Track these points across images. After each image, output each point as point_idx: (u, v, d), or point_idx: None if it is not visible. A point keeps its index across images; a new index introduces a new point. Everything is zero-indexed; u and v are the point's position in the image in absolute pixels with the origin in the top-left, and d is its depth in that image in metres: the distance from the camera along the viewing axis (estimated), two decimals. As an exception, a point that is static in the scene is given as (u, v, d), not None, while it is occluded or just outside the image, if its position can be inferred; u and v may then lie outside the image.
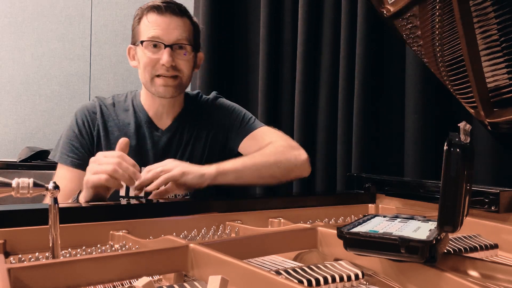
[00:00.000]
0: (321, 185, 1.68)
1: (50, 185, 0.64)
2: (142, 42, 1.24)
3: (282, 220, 0.98)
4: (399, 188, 1.19)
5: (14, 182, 0.62)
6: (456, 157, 0.53)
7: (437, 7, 1.08)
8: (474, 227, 0.86)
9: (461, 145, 0.54)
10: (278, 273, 0.58)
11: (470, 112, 1.18)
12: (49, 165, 2.05)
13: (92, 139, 1.29)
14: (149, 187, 1.05)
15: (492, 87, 1.08)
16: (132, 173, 0.96)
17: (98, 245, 0.75)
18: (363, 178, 1.29)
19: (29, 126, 2.54)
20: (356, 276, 0.61)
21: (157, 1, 1.25)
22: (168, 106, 1.33)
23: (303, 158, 1.27)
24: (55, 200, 0.64)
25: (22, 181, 0.62)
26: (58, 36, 2.56)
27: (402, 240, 0.54)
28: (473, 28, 1.03)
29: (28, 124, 2.54)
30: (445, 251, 0.67)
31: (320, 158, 1.69)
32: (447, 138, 0.54)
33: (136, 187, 1.05)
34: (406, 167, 1.43)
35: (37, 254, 0.69)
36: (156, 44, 1.23)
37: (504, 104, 1.09)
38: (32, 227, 0.74)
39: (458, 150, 0.53)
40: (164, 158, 1.12)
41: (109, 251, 0.75)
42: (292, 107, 1.78)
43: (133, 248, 0.75)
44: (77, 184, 1.15)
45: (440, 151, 0.63)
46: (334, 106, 1.65)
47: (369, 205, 1.19)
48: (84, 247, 0.74)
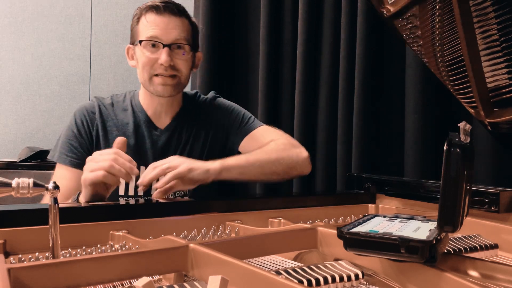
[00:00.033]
0: (321, 185, 1.68)
1: (50, 185, 0.64)
2: (140, 42, 1.25)
3: (282, 220, 0.98)
4: (399, 188, 1.19)
5: (14, 182, 0.62)
6: (456, 157, 0.53)
7: (437, 7, 1.08)
8: (474, 227, 0.86)
9: (461, 145, 0.54)
10: (278, 273, 0.58)
11: (470, 112, 1.18)
12: (49, 165, 2.05)
13: (91, 139, 1.29)
14: (158, 184, 1.05)
15: (492, 87, 1.08)
16: (129, 168, 0.96)
17: (98, 245, 0.76)
18: (363, 178, 1.30)
19: (29, 126, 2.54)
20: (356, 276, 0.61)
21: (156, 1, 1.25)
22: (167, 105, 1.34)
23: (304, 156, 1.30)
24: (55, 200, 0.64)
25: (22, 181, 0.62)
26: (58, 36, 2.56)
27: (402, 240, 0.54)
28: (473, 28, 1.03)
29: (28, 124, 2.54)
30: (445, 251, 0.67)
31: (320, 158, 1.68)
32: (447, 138, 0.54)
33: (142, 183, 1.05)
34: (406, 167, 1.43)
35: (37, 254, 0.69)
36: (154, 43, 1.24)
37: (504, 104, 1.09)
38: (32, 227, 0.74)
39: (458, 150, 0.53)
40: (163, 157, 1.12)
41: (109, 251, 0.75)
42: (292, 107, 1.78)
43: (133, 248, 0.75)
44: (76, 184, 1.15)
45: (440, 151, 0.63)
46: (334, 106, 1.65)
47: (369, 205, 1.19)
48: (84, 247, 0.74)
